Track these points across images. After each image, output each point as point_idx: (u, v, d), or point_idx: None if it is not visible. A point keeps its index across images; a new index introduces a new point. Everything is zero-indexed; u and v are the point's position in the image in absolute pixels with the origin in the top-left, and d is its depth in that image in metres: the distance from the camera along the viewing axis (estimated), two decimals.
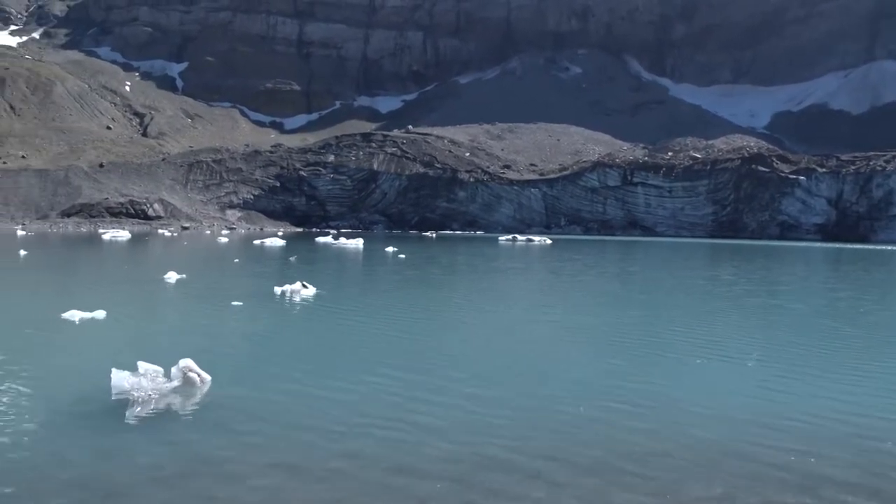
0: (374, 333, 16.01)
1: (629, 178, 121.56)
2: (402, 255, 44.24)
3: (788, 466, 7.65)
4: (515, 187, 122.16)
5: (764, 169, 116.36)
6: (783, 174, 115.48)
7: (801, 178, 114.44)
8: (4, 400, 9.67)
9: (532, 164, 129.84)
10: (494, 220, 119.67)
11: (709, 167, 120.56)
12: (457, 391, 10.60)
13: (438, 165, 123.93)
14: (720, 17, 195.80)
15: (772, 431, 8.91)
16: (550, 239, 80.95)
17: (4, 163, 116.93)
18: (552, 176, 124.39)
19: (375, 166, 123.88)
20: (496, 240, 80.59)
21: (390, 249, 48.70)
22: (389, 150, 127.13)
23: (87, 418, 8.92)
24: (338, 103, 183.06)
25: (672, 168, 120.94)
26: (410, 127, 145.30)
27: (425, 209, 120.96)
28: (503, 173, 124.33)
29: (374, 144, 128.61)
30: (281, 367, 12.26)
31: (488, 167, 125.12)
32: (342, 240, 61.51)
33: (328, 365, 12.48)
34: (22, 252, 41.38)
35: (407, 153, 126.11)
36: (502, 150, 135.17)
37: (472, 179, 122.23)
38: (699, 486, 7.09)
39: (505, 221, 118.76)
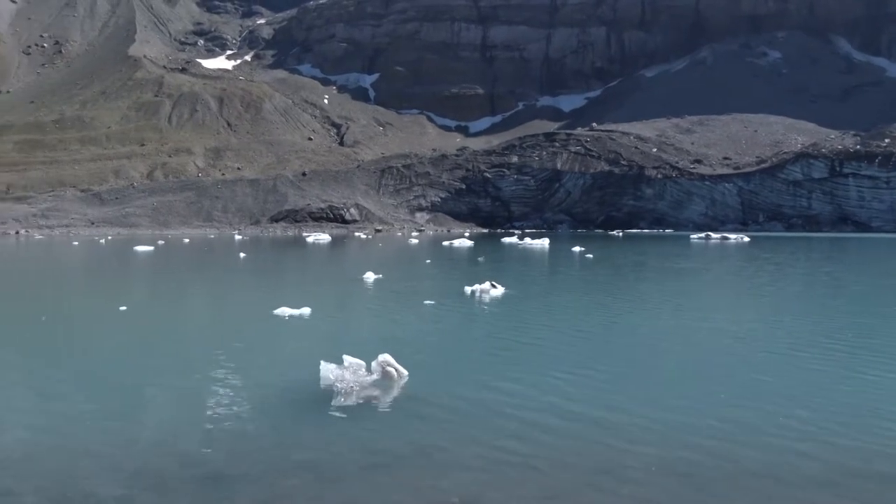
0: (561, 333, 15.81)
1: (838, 168, 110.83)
2: (590, 255, 43.45)
3: None
4: (707, 182, 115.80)
5: None
6: None
7: None
8: (228, 388, 10.63)
9: (726, 158, 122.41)
10: (684, 218, 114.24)
11: None
12: (648, 395, 10.20)
13: (624, 162, 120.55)
14: None
15: None
16: (748, 236, 75.89)
17: (223, 174, 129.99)
18: (749, 169, 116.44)
19: (559, 165, 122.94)
20: (687, 238, 76.87)
21: (577, 249, 48.03)
22: (573, 148, 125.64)
23: (299, 406, 9.57)
24: (521, 104, 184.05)
25: (890, 156, 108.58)
26: (594, 124, 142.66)
27: (611, 208, 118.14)
28: (694, 168, 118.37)
29: (557, 144, 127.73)
30: (473, 363, 12.45)
31: (677, 162, 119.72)
32: (527, 240, 61.62)
33: (518, 362, 12.49)
34: (241, 255, 45.80)
35: (591, 151, 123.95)
36: (692, 144, 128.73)
37: (659, 176, 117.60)
38: None
39: (696, 219, 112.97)
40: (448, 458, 7.56)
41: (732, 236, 73.81)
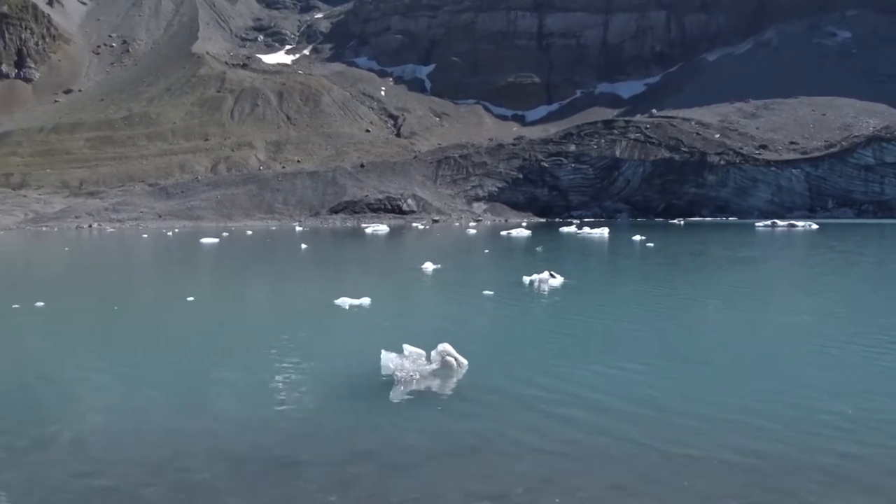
0: (621, 323, 15.66)
1: None
2: (650, 244, 42.72)
3: None
4: (773, 168, 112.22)
5: None
6: None
7: None
8: (291, 377, 10.90)
9: (792, 143, 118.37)
10: (749, 205, 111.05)
11: None
12: (710, 387, 10.08)
13: (685, 149, 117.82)
14: None
15: None
16: (816, 224, 73.41)
17: (284, 167, 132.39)
18: (817, 154, 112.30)
19: (618, 153, 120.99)
20: (752, 226, 74.80)
21: (637, 238, 47.28)
22: (632, 136, 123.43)
23: (361, 395, 9.75)
24: (578, 92, 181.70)
25: None
26: (654, 111, 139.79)
27: (671, 195, 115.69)
28: (758, 154, 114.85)
29: (615, 131, 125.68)
30: (533, 353, 12.44)
31: (741, 148, 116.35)
32: (586, 229, 60.95)
33: (577, 352, 12.43)
34: (302, 246, 46.71)
35: (651, 138, 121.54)
36: (757, 128, 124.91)
37: (722, 162, 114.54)
38: None
39: (761, 206, 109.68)
40: (511, 447, 7.62)
41: (800, 223, 71.46)
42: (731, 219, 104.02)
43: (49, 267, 38.22)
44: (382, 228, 75.23)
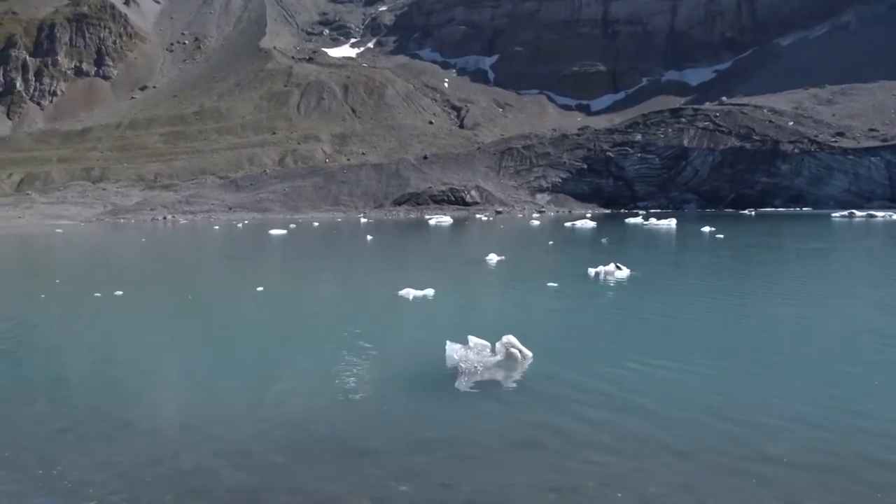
0: (689, 317, 15.31)
1: None
2: (720, 235, 41.64)
3: None
4: (851, 157, 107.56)
5: None
6: None
7: None
8: (357, 366, 11.10)
9: (872, 130, 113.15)
10: (824, 195, 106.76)
11: None
12: (780, 382, 9.81)
13: (757, 137, 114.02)
14: None
15: None
16: None
17: (348, 159, 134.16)
18: None
19: (686, 142, 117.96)
20: (828, 216, 72.01)
21: (706, 229, 46.13)
22: (701, 124, 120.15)
23: (426, 385, 9.86)
24: (644, 80, 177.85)
25: None
26: (724, 98, 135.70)
27: (742, 185, 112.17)
28: (835, 141, 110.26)
29: (683, 120, 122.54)
30: (598, 346, 12.33)
31: (816, 136, 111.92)
32: (652, 220, 59.79)
33: (644, 346, 12.24)
34: (368, 237, 47.34)
35: (720, 126, 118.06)
36: (833, 115, 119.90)
37: (796, 150, 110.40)
38: None
39: (838, 195, 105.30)
40: (580, 440, 7.60)
41: (879, 214, 68.43)
42: (805, 209, 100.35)
43: (127, 257, 39.80)
44: (446, 220, 75.47)
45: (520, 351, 11.08)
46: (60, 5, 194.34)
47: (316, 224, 76.40)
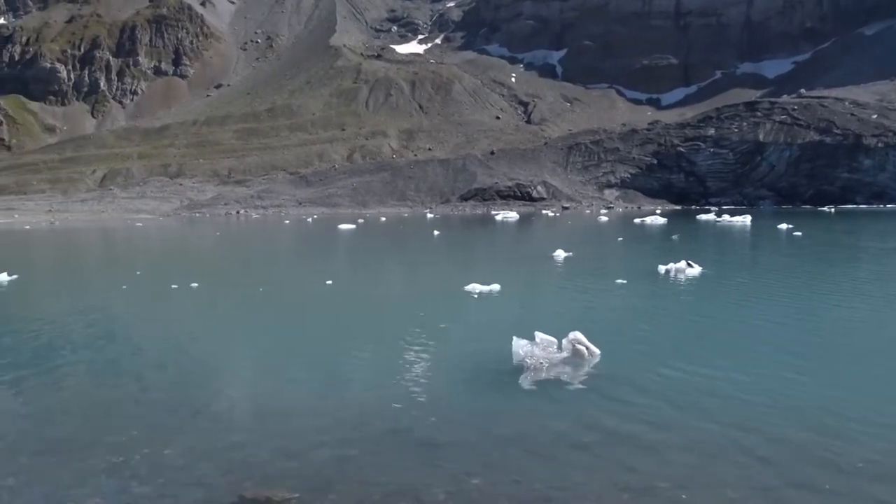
0: (763, 317, 14.77)
1: None
2: (798, 233, 40.18)
3: None
4: None
5: None
6: None
7: None
8: (424, 360, 11.19)
9: None
10: None
11: None
12: (855, 386, 9.45)
13: (837, 131, 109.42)
14: None
15: None
16: None
17: (415, 155, 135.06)
18: None
19: (761, 137, 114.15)
20: None
21: (783, 226, 44.58)
22: (777, 118, 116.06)
23: (493, 380, 9.87)
24: (718, 73, 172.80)
25: None
26: (803, 91, 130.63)
27: (821, 181, 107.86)
28: None
29: (759, 113, 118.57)
30: (668, 345, 12.08)
31: None
32: (725, 217, 58.15)
33: (715, 346, 11.96)
34: (435, 232, 47.59)
35: (798, 120, 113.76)
36: None
37: (880, 145, 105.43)
38: None
39: None
40: (651, 441, 7.48)
41: None
42: (888, 206, 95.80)
43: (202, 251, 41.12)
44: (512, 216, 75.19)
45: (587, 348, 10.96)
46: (141, 7, 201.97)
47: (383, 219, 77.28)
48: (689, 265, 21.61)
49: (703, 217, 63.60)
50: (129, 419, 8.61)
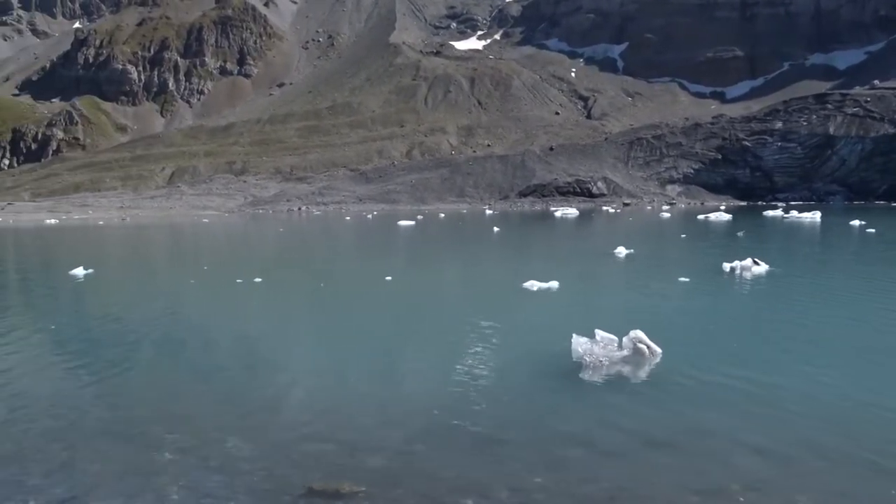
0: (832, 317, 14.28)
1: None
2: (871, 230, 38.63)
3: None
4: None
5: None
6: None
7: None
8: (483, 356, 11.22)
9: None
10: None
11: None
12: None
13: None
14: None
15: None
16: None
17: (474, 151, 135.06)
18: None
19: (831, 130, 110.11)
20: None
21: (855, 223, 42.97)
22: (849, 110, 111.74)
23: (552, 378, 9.82)
24: (786, 65, 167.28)
25: None
26: (876, 82, 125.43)
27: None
28: None
29: (829, 106, 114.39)
30: (732, 345, 11.79)
31: None
32: (793, 213, 56.35)
33: (781, 347, 11.61)
34: (494, 229, 47.55)
35: (872, 112, 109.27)
36: None
37: None
38: None
39: None
40: (718, 442, 7.37)
41: None
42: None
43: (266, 246, 42.06)
44: (572, 212, 74.50)
45: (648, 347, 10.81)
46: (207, 9, 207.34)
47: (442, 215, 77.56)
48: (755, 263, 21.04)
49: (769, 213, 61.81)
50: (197, 410, 8.91)
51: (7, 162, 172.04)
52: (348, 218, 78.21)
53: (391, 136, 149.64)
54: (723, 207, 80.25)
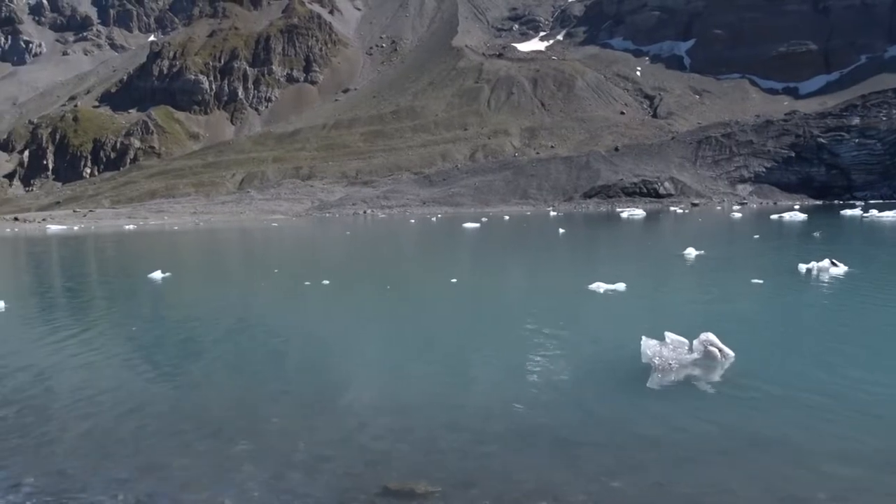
0: None
1: None
2: None
3: None
4: None
5: None
6: None
7: None
8: (551, 358, 11.18)
9: None
10: None
11: None
12: None
13: None
14: None
15: None
16: None
17: (538, 153, 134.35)
18: None
19: None
20: None
21: None
22: None
23: (622, 380, 9.71)
24: (863, 58, 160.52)
25: None
26: None
27: None
28: None
29: None
30: (809, 349, 11.41)
31: None
32: (874, 212, 54.08)
33: (863, 351, 11.14)
34: (559, 230, 47.24)
35: None
36: None
37: None
38: None
39: None
40: (800, 449, 7.17)
41: None
42: None
43: (333, 249, 42.81)
44: (638, 213, 73.33)
45: (720, 350, 10.59)
46: (275, 18, 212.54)
47: (506, 218, 77.41)
48: (833, 264, 20.30)
49: (847, 212, 59.50)
50: (273, 408, 9.15)
51: (88, 171, 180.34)
52: (413, 221, 78.82)
53: (454, 139, 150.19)
54: (797, 207, 77.60)
